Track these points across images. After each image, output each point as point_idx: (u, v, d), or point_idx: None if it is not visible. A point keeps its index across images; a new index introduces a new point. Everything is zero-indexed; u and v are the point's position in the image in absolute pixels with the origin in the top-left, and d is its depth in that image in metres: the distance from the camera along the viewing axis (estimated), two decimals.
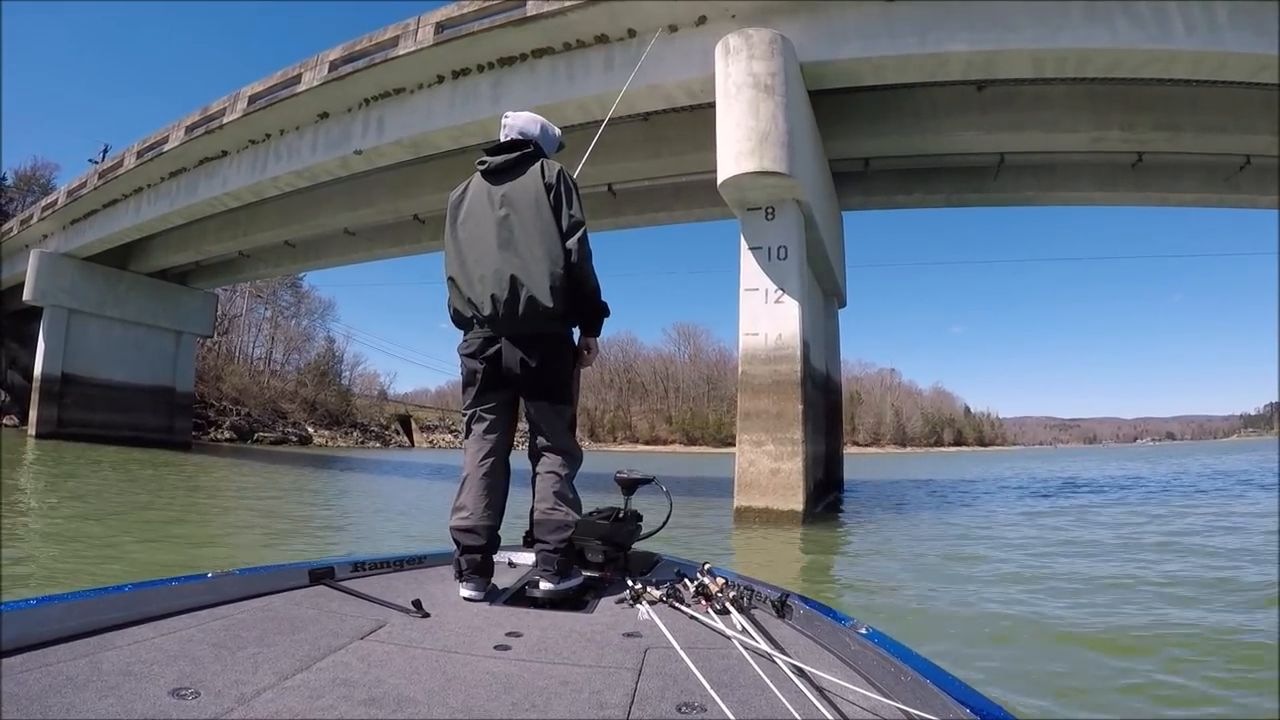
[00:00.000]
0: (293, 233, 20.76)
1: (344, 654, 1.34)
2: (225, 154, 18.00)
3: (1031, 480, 20.34)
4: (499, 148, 2.22)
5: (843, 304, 16.29)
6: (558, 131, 2.38)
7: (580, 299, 2.11)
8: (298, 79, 15.45)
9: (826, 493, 12.93)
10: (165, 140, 19.02)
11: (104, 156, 24.40)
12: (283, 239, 21.45)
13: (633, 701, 1.16)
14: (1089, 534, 8.42)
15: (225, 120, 16.88)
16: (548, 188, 2.09)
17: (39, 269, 24.48)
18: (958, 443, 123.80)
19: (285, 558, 5.32)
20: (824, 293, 14.57)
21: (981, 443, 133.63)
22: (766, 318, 10.38)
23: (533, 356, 2.04)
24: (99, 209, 23.07)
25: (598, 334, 2.23)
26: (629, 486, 2.49)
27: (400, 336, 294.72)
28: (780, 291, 10.37)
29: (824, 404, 13.29)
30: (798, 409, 10.05)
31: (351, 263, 23.46)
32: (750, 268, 10.57)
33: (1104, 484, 17.82)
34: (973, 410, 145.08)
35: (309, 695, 1.12)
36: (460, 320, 2.15)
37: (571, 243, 2.07)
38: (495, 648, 1.45)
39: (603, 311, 2.19)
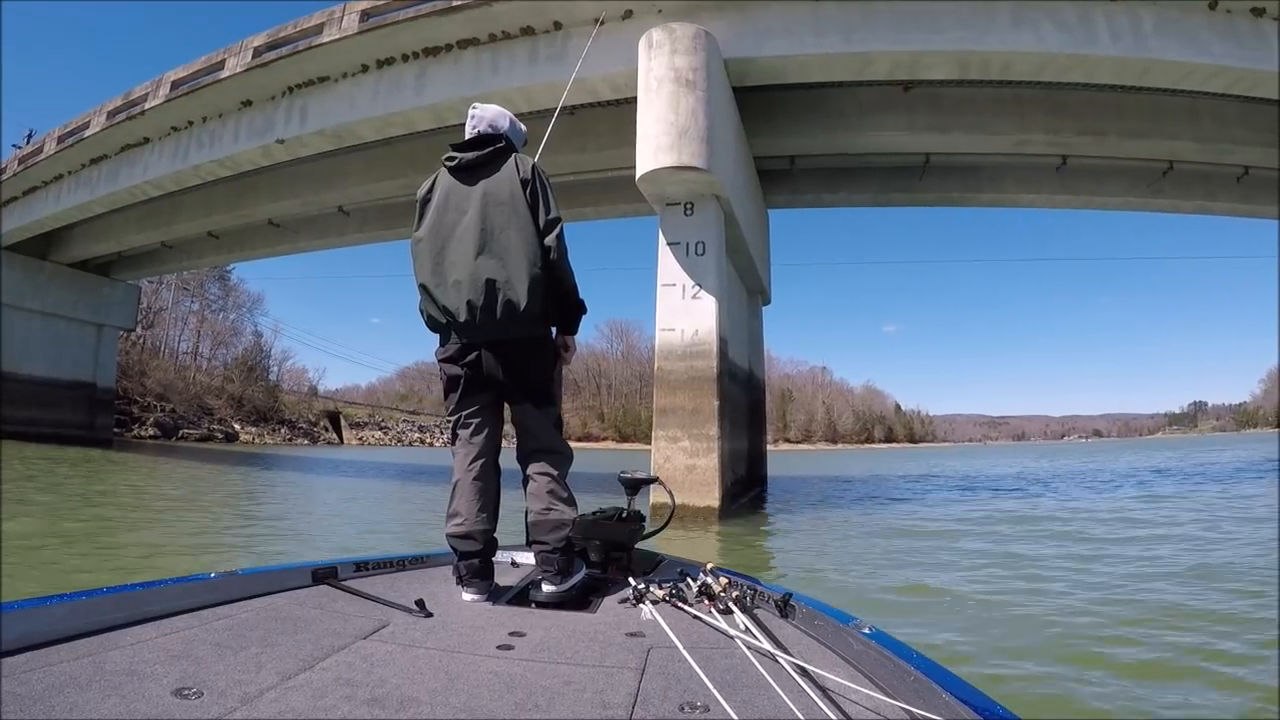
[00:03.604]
0: (216, 223, 20.14)
1: (347, 654, 1.34)
2: (147, 141, 17.39)
3: (962, 478, 20.70)
4: (469, 143, 2.13)
5: (767, 301, 16.36)
6: (524, 127, 2.30)
7: (559, 297, 2.06)
8: (221, 65, 15.01)
9: (748, 489, 12.96)
10: (87, 125, 18.32)
11: (28, 141, 23.40)
12: (206, 230, 20.79)
13: (635, 701, 1.15)
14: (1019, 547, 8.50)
15: (147, 106, 16.33)
16: (524, 183, 2.03)
17: None
18: (889, 440, 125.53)
19: None
20: (747, 290, 14.60)
21: (912, 439, 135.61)
22: (683, 313, 10.34)
23: (514, 361, 1.99)
24: (18, 196, 22.12)
25: (575, 332, 2.19)
26: (633, 486, 2.49)
27: (331, 331, 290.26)
28: (697, 287, 10.34)
29: (746, 401, 13.33)
30: (714, 405, 10.04)
31: (277, 255, 22.90)
32: (668, 263, 10.52)
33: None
34: (903, 408, 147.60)
35: (312, 695, 1.12)
36: (436, 326, 2.07)
37: (550, 240, 2.01)
38: (498, 647, 1.45)
39: (580, 309, 2.15)
